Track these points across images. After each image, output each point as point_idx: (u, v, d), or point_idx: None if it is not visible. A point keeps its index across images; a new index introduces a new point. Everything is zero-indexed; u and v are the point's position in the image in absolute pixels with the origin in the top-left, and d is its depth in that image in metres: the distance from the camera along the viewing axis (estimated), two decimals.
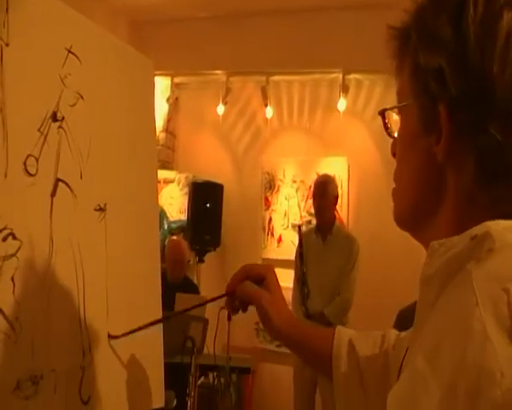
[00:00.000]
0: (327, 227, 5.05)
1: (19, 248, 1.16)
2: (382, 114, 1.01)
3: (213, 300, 1.43)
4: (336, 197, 5.15)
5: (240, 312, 1.37)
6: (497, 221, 0.80)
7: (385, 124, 1.01)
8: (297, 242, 5.20)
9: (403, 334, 1.28)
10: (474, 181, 0.84)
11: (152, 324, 1.48)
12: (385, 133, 1.01)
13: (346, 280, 4.91)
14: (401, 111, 0.96)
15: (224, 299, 1.37)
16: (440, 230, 0.88)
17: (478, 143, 0.83)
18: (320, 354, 1.35)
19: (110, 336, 1.43)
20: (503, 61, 0.81)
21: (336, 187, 5.20)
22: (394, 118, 1.00)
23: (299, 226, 5.42)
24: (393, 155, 0.98)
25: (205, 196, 6.30)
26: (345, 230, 5.45)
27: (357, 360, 1.30)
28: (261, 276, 1.36)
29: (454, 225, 0.86)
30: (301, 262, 4.97)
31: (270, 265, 1.42)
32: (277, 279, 1.38)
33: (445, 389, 0.69)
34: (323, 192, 5.04)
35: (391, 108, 0.99)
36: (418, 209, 0.92)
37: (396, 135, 0.99)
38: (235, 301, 1.36)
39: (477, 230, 0.80)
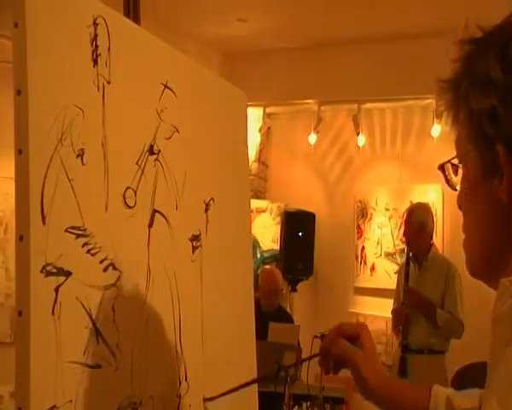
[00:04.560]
0: (422, 254, 4.94)
1: (118, 278, 1.19)
2: (442, 168, 1.00)
3: (308, 359, 1.46)
4: (423, 223, 4.98)
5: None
6: None
7: (445, 177, 1.00)
8: (403, 259, 5.11)
9: None
10: None
11: (247, 384, 1.48)
12: None
13: (452, 304, 4.76)
14: (461, 160, 0.95)
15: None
16: None
17: None
18: None
19: (205, 399, 1.45)
20: None
21: (425, 213, 5.02)
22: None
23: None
24: (460, 207, 0.97)
25: (297, 225, 6.32)
26: (441, 255, 5.29)
27: None
28: (355, 334, 1.34)
29: None
30: (406, 281, 4.85)
31: (364, 323, 1.40)
32: (371, 337, 1.36)
33: None
34: (407, 220, 4.99)
35: (449, 161, 0.98)
36: (490, 257, 0.90)
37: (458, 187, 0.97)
38: (329, 360, 1.35)
39: None
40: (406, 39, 6.01)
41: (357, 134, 6.38)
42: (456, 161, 0.96)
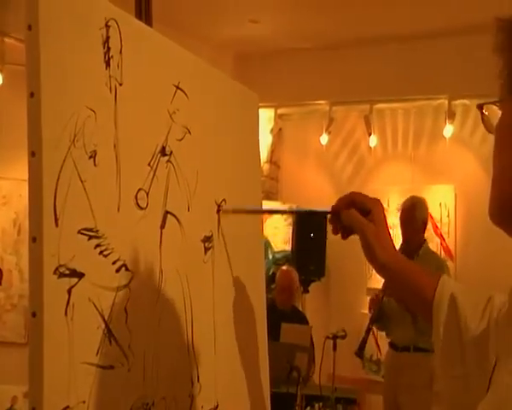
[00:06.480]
0: (413, 250, 4.75)
1: (131, 279, 1.20)
2: (481, 107, 1.01)
3: (316, 213, 1.45)
4: (425, 221, 4.88)
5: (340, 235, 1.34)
6: None
7: (482, 117, 1.01)
8: None
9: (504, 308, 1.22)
10: None
11: None
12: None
13: None
14: (500, 106, 0.96)
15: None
16: None
17: None
18: (421, 297, 1.30)
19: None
20: None
21: (426, 209, 4.93)
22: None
23: None
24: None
25: (309, 226, 6.31)
26: (434, 252, 5.22)
27: (458, 317, 1.24)
28: (367, 207, 1.31)
29: None
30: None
31: (377, 199, 1.35)
32: (384, 214, 1.33)
33: None
34: (410, 217, 4.81)
35: (488, 103, 0.99)
36: (507, 202, 0.92)
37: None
38: (339, 222, 1.34)
39: None
40: (418, 40, 6.00)
41: (369, 135, 6.37)
42: (493, 102, 0.98)
